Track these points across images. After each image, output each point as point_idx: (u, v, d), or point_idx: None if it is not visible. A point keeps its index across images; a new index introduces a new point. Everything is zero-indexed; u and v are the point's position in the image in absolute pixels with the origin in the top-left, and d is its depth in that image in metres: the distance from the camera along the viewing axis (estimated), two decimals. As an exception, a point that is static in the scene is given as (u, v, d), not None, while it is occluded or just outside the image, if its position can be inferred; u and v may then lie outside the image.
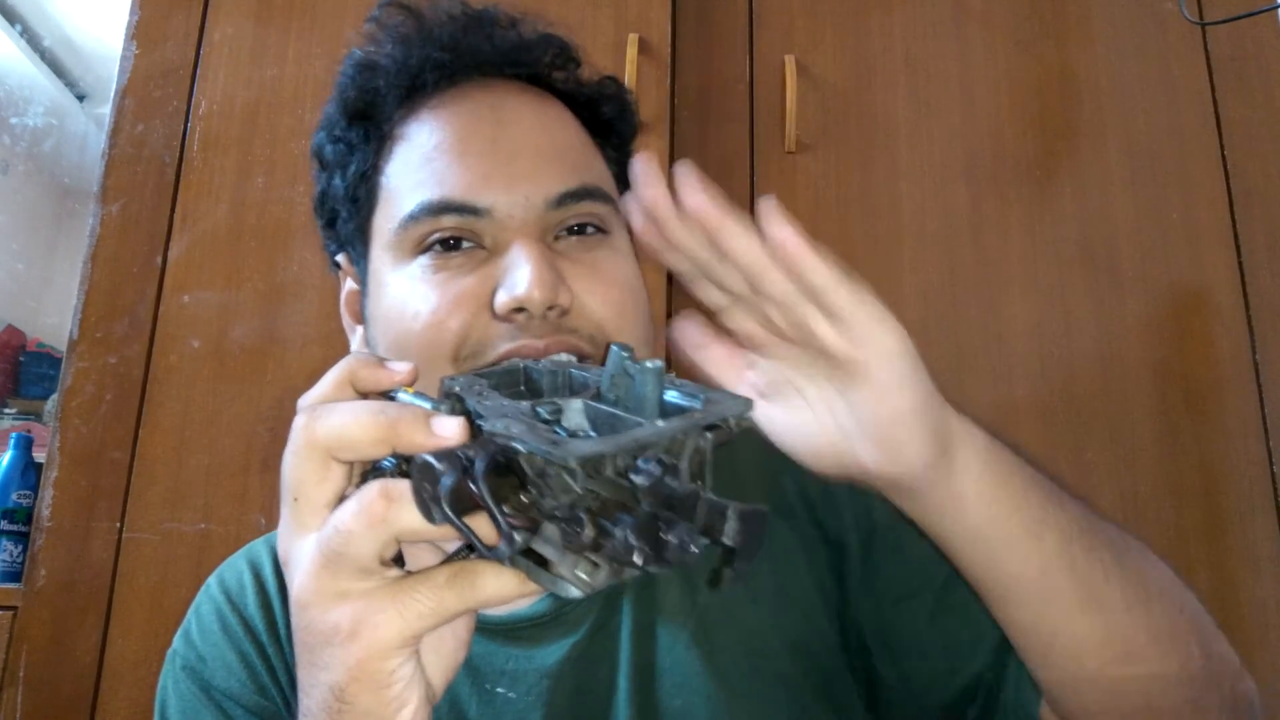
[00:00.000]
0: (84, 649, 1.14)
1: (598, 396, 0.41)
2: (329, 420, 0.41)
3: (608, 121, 0.68)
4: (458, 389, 0.41)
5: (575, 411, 0.41)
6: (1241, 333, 1.28)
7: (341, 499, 0.41)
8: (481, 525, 0.36)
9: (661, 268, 0.68)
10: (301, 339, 1.25)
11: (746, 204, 1.35)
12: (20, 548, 1.24)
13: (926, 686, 0.60)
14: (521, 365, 0.47)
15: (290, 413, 1.47)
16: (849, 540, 0.63)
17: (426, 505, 0.36)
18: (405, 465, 0.40)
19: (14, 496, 1.27)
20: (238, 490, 1.19)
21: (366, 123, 0.64)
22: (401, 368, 0.44)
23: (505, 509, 0.35)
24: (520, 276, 0.55)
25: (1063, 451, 1.25)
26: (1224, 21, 1.33)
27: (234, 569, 0.68)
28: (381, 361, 0.44)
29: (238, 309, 1.26)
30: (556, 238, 0.60)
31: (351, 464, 0.42)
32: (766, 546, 0.36)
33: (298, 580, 0.41)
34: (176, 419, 1.21)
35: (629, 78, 1.29)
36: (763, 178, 1.36)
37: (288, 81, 1.34)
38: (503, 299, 0.55)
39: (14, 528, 1.26)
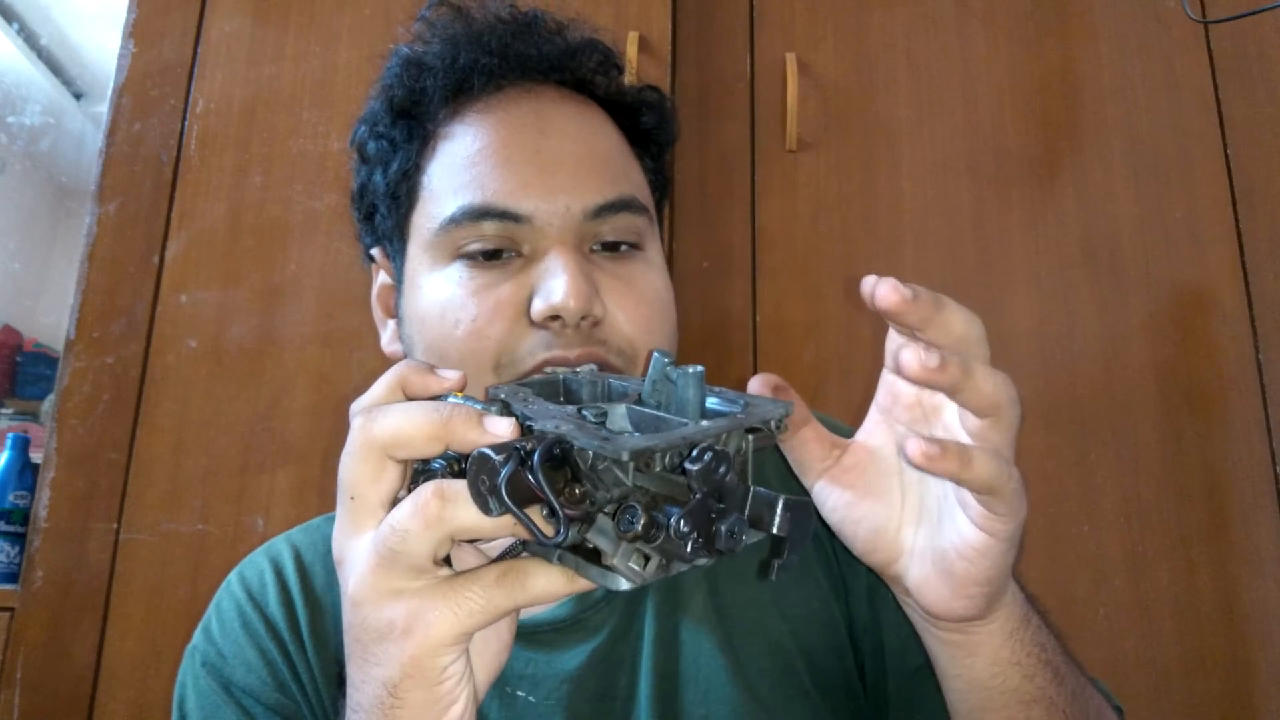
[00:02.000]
0: (81, 650, 1.13)
1: (639, 402, 0.43)
2: (385, 420, 0.42)
3: (647, 130, 0.69)
4: (503, 395, 0.43)
5: (619, 416, 0.42)
6: (1245, 332, 1.27)
7: (395, 501, 0.42)
8: (537, 517, 0.37)
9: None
10: (299, 338, 1.24)
11: (747, 203, 1.35)
12: (17, 549, 1.24)
13: None
14: (560, 377, 0.48)
15: (288, 413, 1.47)
16: (856, 587, 0.65)
17: (484, 497, 0.37)
18: (456, 467, 0.41)
19: (11, 497, 1.27)
20: (235, 491, 1.19)
21: (411, 121, 0.65)
22: (451, 374, 0.45)
23: (560, 500, 0.36)
24: (557, 285, 0.56)
25: (1065, 452, 1.24)
26: (1227, 20, 1.32)
27: (255, 566, 0.68)
28: (432, 368, 0.45)
29: (235, 309, 1.25)
30: (592, 250, 0.61)
31: (406, 464, 0.43)
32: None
33: (353, 578, 0.42)
34: (174, 419, 1.21)
35: (629, 76, 1.29)
36: (764, 176, 1.36)
37: (285, 80, 1.33)
38: (539, 306, 0.57)
39: (11, 529, 1.25)
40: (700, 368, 0.40)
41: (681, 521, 0.34)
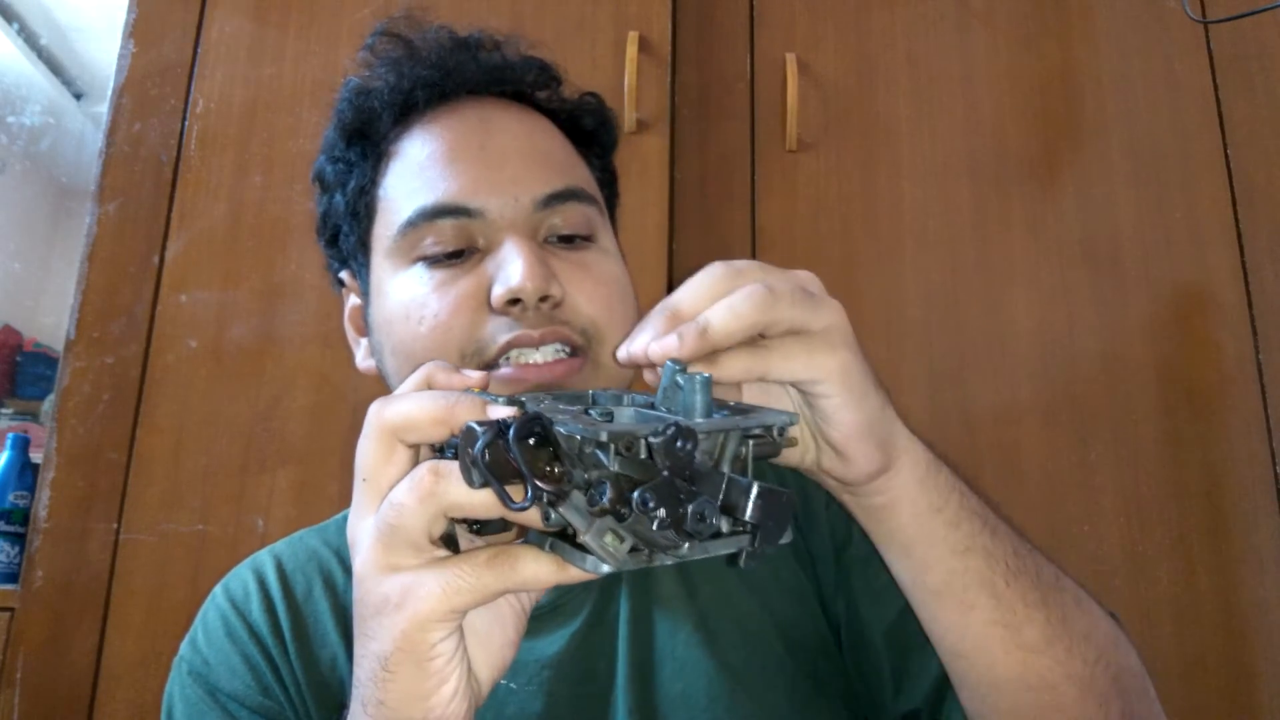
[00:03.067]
0: (81, 650, 1.13)
1: (651, 408, 0.43)
2: (397, 405, 0.44)
3: (590, 132, 0.72)
4: (523, 397, 0.44)
5: (625, 417, 0.43)
6: (1245, 332, 1.27)
7: None
8: (517, 493, 0.37)
9: (661, 270, 0.67)
10: (299, 338, 1.24)
11: (747, 203, 1.35)
12: (17, 549, 1.24)
13: (874, 702, 0.63)
14: (590, 393, 0.49)
15: (288, 413, 1.46)
16: (821, 552, 0.67)
17: (468, 469, 0.38)
18: None
19: (11, 497, 1.27)
20: (235, 491, 1.19)
21: (364, 141, 0.68)
22: (474, 374, 0.47)
23: (539, 479, 0.36)
24: (513, 270, 0.58)
25: (1065, 451, 1.24)
26: (1227, 20, 1.33)
27: (239, 578, 0.70)
28: (456, 369, 0.48)
29: (235, 309, 1.25)
30: (547, 241, 0.63)
31: (417, 449, 0.45)
32: None
33: (358, 557, 0.44)
34: (174, 419, 1.21)
35: (629, 76, 1.29)
36: (763, 176, 1.36)
37: (285, 80, 1.33)
38: (498, 291, 0.59)
39: (11, 529, 1.25)
40: (708, 374, 0.40)
41: (648, 496, 0.34)
